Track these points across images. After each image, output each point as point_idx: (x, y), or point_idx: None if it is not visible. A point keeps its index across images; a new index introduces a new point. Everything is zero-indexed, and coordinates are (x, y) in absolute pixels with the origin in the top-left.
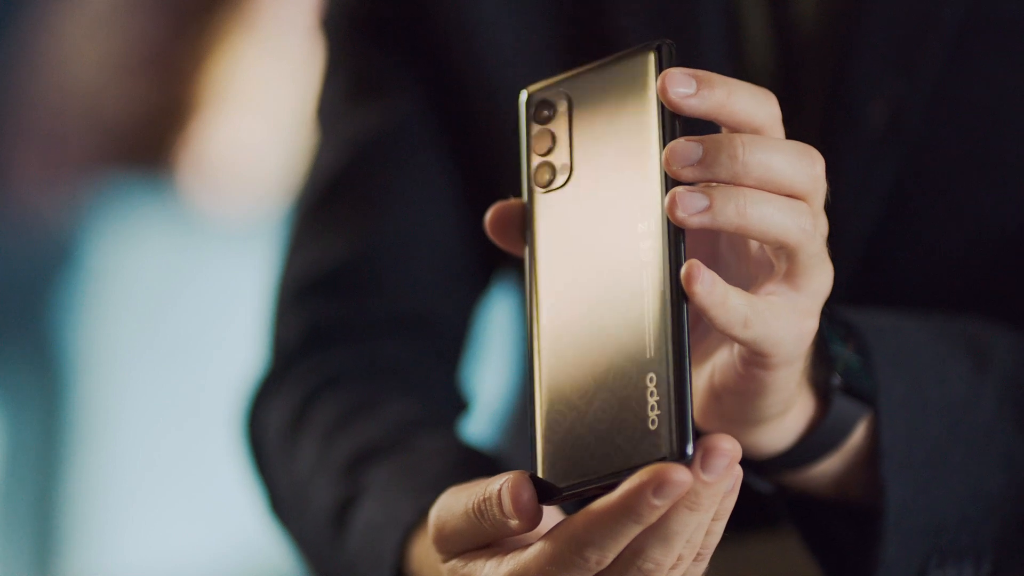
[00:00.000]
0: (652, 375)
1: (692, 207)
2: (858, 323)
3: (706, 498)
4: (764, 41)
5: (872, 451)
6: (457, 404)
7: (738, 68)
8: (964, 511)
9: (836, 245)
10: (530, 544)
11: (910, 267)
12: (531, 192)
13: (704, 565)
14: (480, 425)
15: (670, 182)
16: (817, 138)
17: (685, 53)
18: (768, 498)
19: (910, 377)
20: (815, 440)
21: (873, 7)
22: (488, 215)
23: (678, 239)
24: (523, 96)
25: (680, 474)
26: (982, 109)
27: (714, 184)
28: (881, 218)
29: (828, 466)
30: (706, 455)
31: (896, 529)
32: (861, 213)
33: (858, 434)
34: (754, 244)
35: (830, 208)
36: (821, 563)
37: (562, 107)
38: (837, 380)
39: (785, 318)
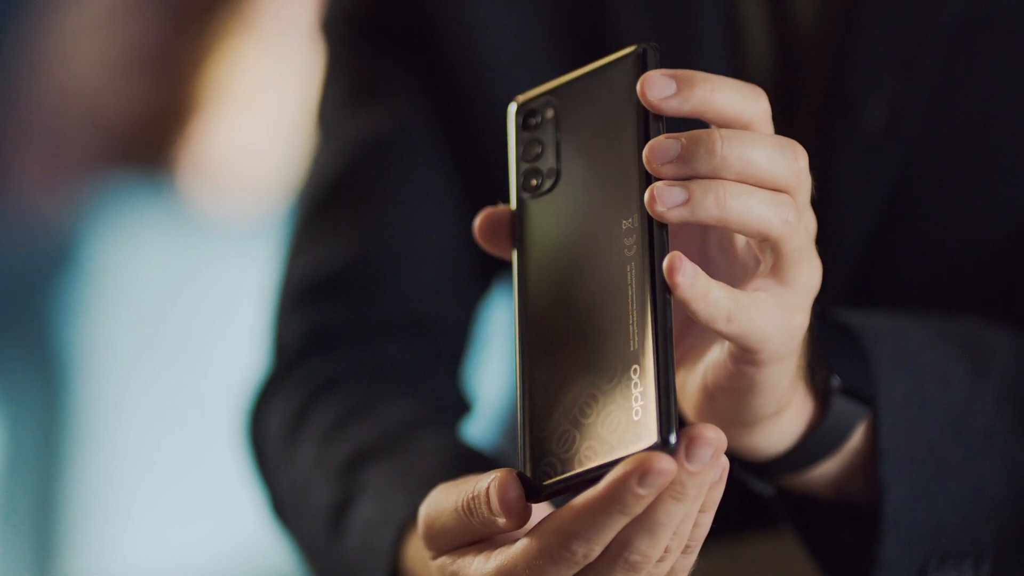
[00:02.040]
0: (636, 367)
1: (671, 201)
2: (857, 324)
3: (691, 488)
4: (763, 41)
5: (871, 452)
6: (458, 406)
7: (737, 68)
8: (964, 512)
9: (836, 245)
10: (518, 539)
11: (910, 267)
12: (519, 199)
13: (693, 557)
14: (481, 426)
15: (652, 180)
16: (816, 138)
17: (684, 54)
18: (767, 499)
19: (910, 378)
20: (814, 442)
21: (873, 7)
22: (476, 221)
23: (661, 234)
24: (512, 107)
25: (664, 462)
26: (982, 109)
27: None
28: (881, 218)
29: (827, 467)
30: (690, 444)
31: (895, 530)
32: (861, 212)
33: (857, 435)
34: (741, 242)
35: (830, 207)
36: (820, 563)
37: (549, 115)
38: (836, 382)
39: (771, 313)
